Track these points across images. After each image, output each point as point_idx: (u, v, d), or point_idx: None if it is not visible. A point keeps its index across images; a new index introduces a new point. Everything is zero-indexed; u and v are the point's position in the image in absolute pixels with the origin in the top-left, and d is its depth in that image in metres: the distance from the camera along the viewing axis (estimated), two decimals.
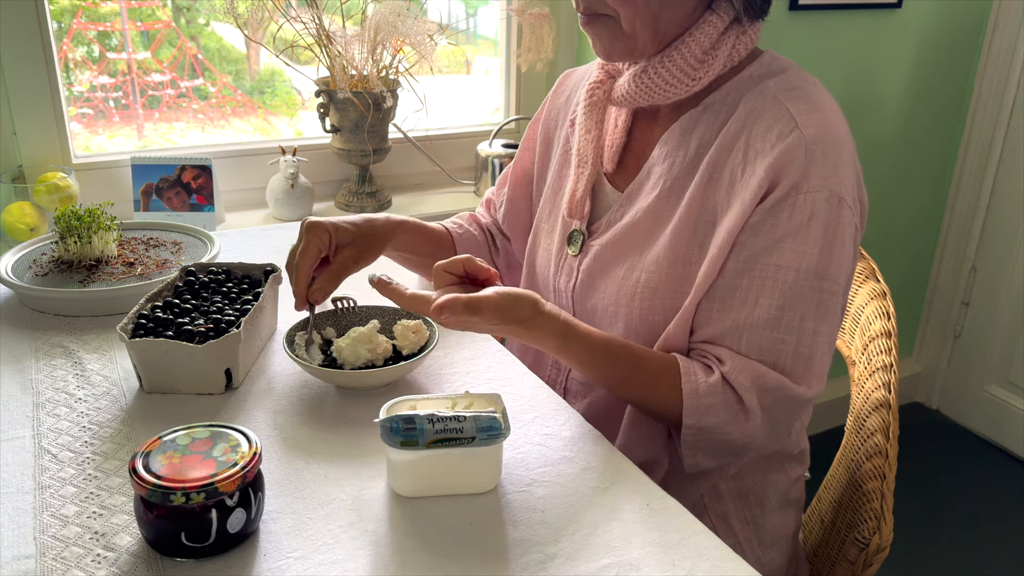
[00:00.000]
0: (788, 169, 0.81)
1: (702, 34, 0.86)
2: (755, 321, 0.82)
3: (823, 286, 0.82)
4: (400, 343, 0.90)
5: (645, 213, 0.91)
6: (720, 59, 0.87)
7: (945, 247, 2.51)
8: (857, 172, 0.86)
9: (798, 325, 0.82)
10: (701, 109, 0.90)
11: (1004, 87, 2.27)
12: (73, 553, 0.64)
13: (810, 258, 0.81)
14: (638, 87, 0.90)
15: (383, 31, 1.52)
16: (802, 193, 0.80)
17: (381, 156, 1.68)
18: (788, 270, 0.81)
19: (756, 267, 0.82)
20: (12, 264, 1.11)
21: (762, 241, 0.82)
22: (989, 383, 2.47)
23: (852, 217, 0.83)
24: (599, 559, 0.65)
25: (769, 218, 0.82)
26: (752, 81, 0.89)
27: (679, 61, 0.87)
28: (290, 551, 0.65)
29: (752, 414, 0.82)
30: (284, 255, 1.25)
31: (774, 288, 0.81)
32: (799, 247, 0.81)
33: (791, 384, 0.82)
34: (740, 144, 0.85)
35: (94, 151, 1.63)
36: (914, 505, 2.16)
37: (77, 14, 1.61)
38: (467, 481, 0.72)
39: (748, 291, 0.82)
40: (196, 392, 0.86)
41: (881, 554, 0.89)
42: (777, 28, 2.00)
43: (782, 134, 0.82)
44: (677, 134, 0.91)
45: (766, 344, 0.82)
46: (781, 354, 0.82)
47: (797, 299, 0.81)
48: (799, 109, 0.83)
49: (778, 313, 0.81)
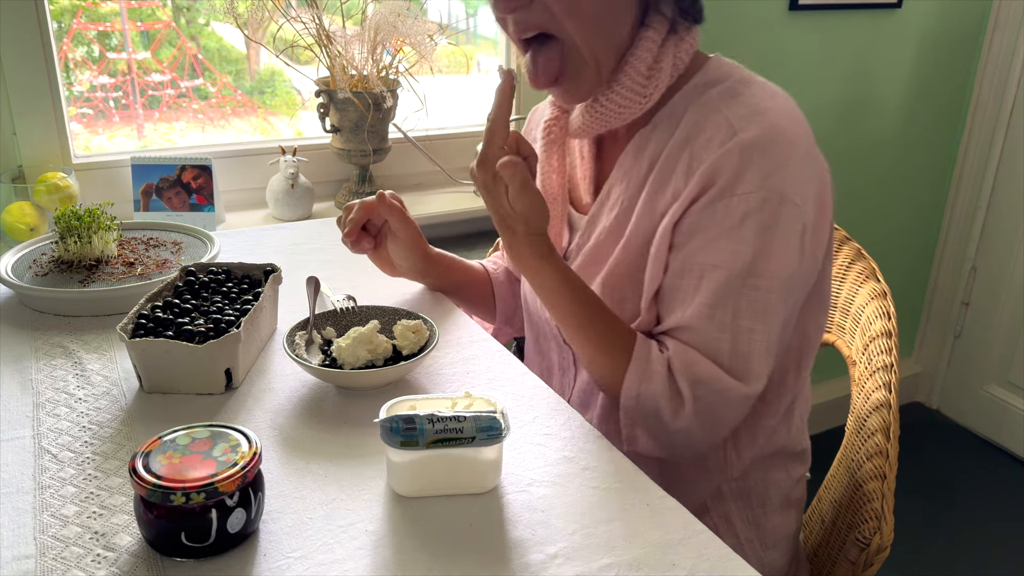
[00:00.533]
0: (721, 172, 0.82)
1: (643, 51, 0.87)
2: (690, 320, 0.84)
3: (758, 284, 0.82)
4: (400, 343, 0.90)
5: (608, 233, 0.93)
6: (665, 71, 0.88)
7: (945, 247, 2.51)
8: (813, 168, 0.85)
9: (731, 323, 0.82)
10: (651, 127, 0.91)
11: (1004, 87, 2.27)
12: (73, 553, 0.64)
13: (744, 257, 0.82)
14: (593, 117, 0.91)
15: (383, 31, 1.52)
16: (736, 195, 0.81)
17: (381, 156, 1.68)
18: (721, 269, 0.82)
19: (693, 267, 0.84)
20: (12, 264, 1.11)
21: (697, 242, 0.84)
22: (989, 383, 2.47)
23: (797, 215, 0.82)
24: (599, 559, 0.65)
25: (703, 219, 0.83)
26: (697, 91, 0.89)
27: (627, 83, 0.87)
28: (290, 551, 0.65)
29: (685, 402, 0.83)
30: (284, 255, 1.25)
31: (708, 287, 0.83)
32: (733, 247, 0.82)
33: (724, 377, 0.83)
34: (684, 156, 0.86)
35: (94, 151, 1.63)
36: (914, 505, 2.16)
37: (77, 14, 1.61)
38: (467, 481, 0.72)
39: (686, 291, 0.85)
40: (196, 392, 0.86)
41: (882, 554, 0.89)
42: (777, 28, 2.00)
43: (722, 142, 0.83)
44: (632, 154, 0.92)
45: (702, 342, 0.84)
46: (719, 352, 0.83)
47: (728, 298, 0.82)
48: (738, 115, 0.84)
49: (711, 312, 0.83)
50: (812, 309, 0.92)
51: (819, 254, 0.88)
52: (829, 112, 2.16)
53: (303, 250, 1.28)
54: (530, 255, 0.87)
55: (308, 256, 1.25)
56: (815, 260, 0.87)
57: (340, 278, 1.15)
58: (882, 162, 2.31)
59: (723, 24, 1.89)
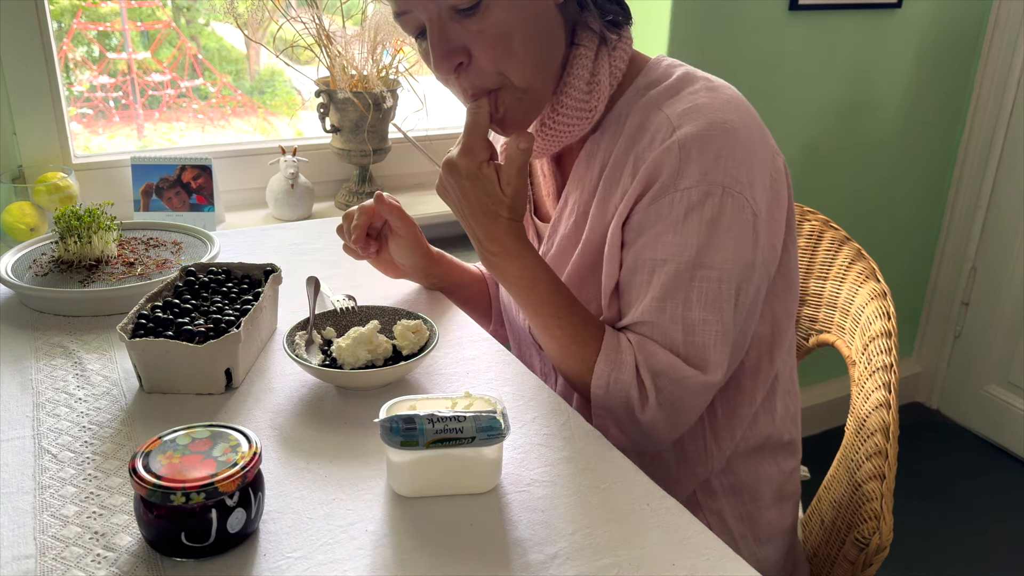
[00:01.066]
0: (661, 169, 0.83)
1: (579, 68, 0.88)
2: (644, 314, 0.85)
3: (707, 275, 0.83)
4: (400, 343, 0.90)
5: (566, 239, 0.95)
6: (604, 82, 0.89)
7: (945, 247, 2.51)
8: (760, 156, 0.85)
9: (683, 315, 0.84)
10: (600, 132, 0.92)
11: (1004, 87, 2.27)
12: (73, 553, 0.64)
13: (690, 250, 0.83)
14: (545, 140, 0.92)
15: (383, 31, 1.52)
16: (678, 190, 0.82)
17: (381, 156, 1.68)
18: (669, 263, 0.84)
19: (644, 263, 0.85)
20: (12, 264, 1.11)
21: (645, 238, 0.85)
22: (989, 383, 2.47)
23: (743, 205, 0.83)
24: (599, 559, 0.65)
25: (650, 216, 0.84)
26: (639, 93, 0.90)
27: (569, 102, 0.89)
28: (290, 551, 0.65)
29: (648, 392, 0.84)
30: (284, 255, 1.25)
31: (658, 281, 0.84)
32: (678, 240, 0.83)
33: (682, 365, 0.84)
34: (630, 159, 0.87)
35: (94, 151, 1.63)
36: (914, 505, 2.16)
37: (77, 14, 1.61)
38: (467, 481, 0.72)
39: (640, 286, 0.86)
40: (196, 392, 0.86)
41: (881, 554, 0.89)
42: (777, 28, 2.00)
43: (663, 140, 0.84)
44: (584, 161, 0.94)
45: (658, 334, 0.85)
46: (675, 343, 0.85)
47: (678, 290, 0.84)
48: (677, 113, 0.84)
49: (661, 304, 0.84)
50: (779, 295, 0.93)
51: (776, 242, 0.89)
52: (829, 112, 2.16)
53: (303, 250, 1.28)
54: (513, 241, 0.88)
55: (308, 256, 1.25)
56: (772, 247, 0.88)
57: (340, 278, 1.15)
58: (882, 162, 2.31)
59: (723, 24, 1.89)
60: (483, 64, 0.84)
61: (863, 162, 2.29)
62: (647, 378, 0.84)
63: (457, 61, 0.84)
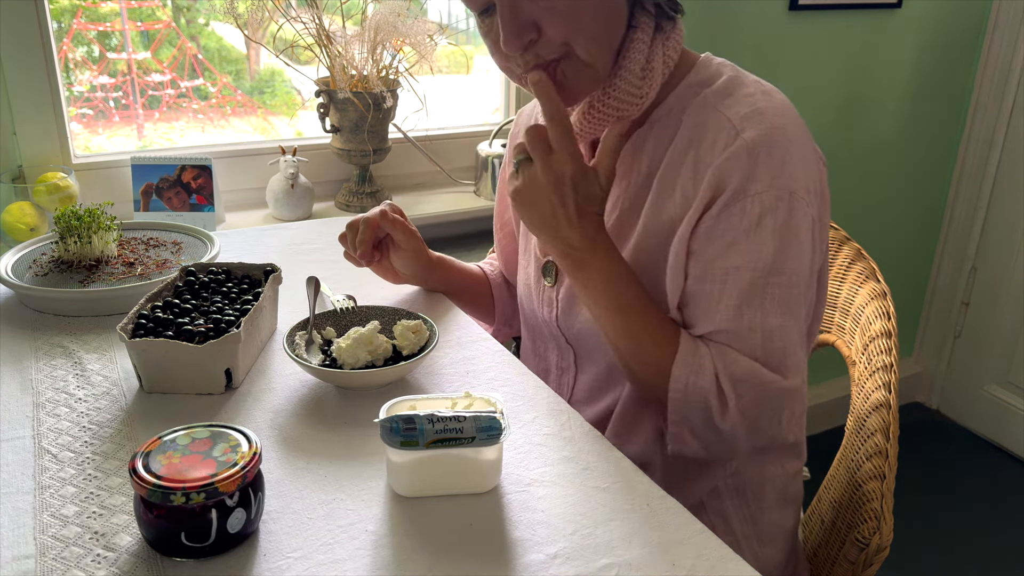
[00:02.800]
0: (732, 175, 0.82)
1: (635, 52, 0.87)
2: (721, 323, 0.83)
3: (781, 280, 0.83)
4: (400, 343, 0.90)
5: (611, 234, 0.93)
6: (658, 70, 0.88)
7: (945, 247, 2.51)
8: (812, 161, 0.86)
9: (761, 321, 0.83)
10: (648, 127, 0.91)
11: (1004, 87, 2.27)
12: (73, 553, 0.64)
13: (765, 256, 0.82)
14: (590, 121, 0.91)
15: (383, 31, 1.52)
16: (749, 196, 0.82)
17: (381, 156, 1.68)
18: (744, 270, 0.82)
19: (715, 271, 0.84)
20: (12, 264, 1.11)
21: (716, 246, 0.84)
22: (989, 383, 2.47)
23: (807, 209, 0.84)
24: (599, 559, 0.65)
25: (720, 223, 0.83)
26: (691, 91, 0.89)
27: (623, 86, 0.88)
28: (290, 551, 0.65)
29: (728, 400, 0.82)
30: (284, 255, 1.25)
31: (733, 289, 0.83)
32: (753, 247, 0.82)
33: (763, 371, 0.82)
34: (689, 159, 0.86)
35: (94, 151, 1.63)
36: (914, 505, 2.16)
37: (77, 14, 1.61)
38: (467, 481, 0.72)
39: (711, 295, 0.84)
40: (196, 392, 0.86)
41: (881, 554, 0.89)
42: (777, 28, 2.00)
43: (726, 144, 0.83)
44: (629, 154, 0.92)
45: (737, 342, 0.83)
46: (754, 349, 0.83)
47: (755, 297, 0.83)
48: (738, 116, 0.84)
49: (739, 312, 0.83)
50: (819, 299, 0.94)
51: (824, 246, 0.90)
52: (829, 112, 2.16)
53: (303, 250, 1.28)
54: (604, 236, 0.86)
55: (308, 256, 1.25)
56: (823, 252, 0.89)
57: (340, 278, 1.15)
58: (882, 162, 2.31)
59: (723, 24, 1.89)
60: (551, 39, 0.83)
61: (863, 162, 2.29)
62: (727, 385, 0.82)
63: (528, 38, 0.83)
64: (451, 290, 1.15)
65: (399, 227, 1.04)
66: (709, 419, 0.83)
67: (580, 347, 1.00)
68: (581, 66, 0.85)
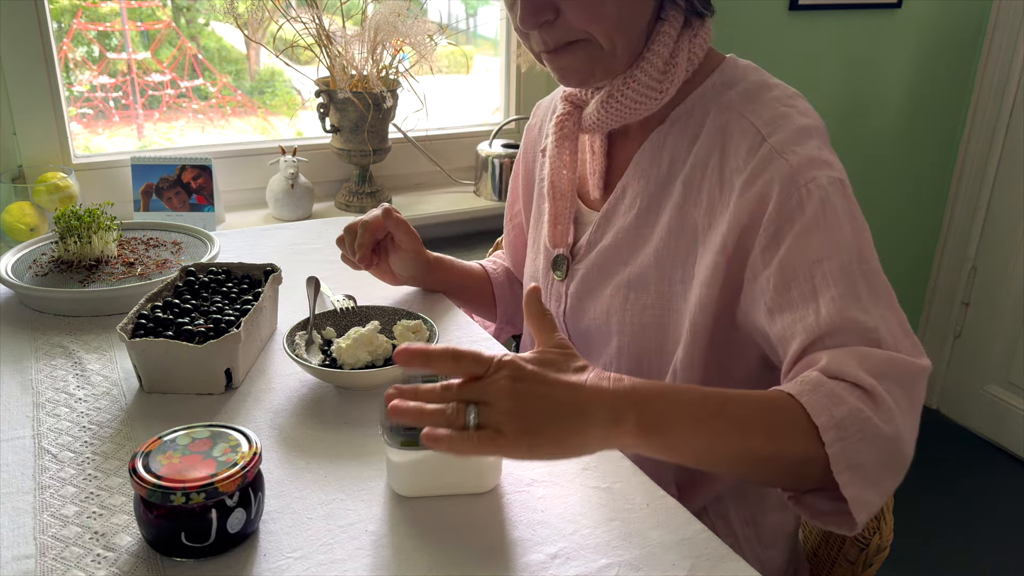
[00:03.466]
0: (773, 176, 0.79)
1: (659, 45, 0.86)
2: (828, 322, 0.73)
3: (868, 260, 0.76)
4: (400, 343, 0.90)
5: (626, 232, 0.92)
6: (681, 66, 0.87)
7: (945, 247, 2.51)
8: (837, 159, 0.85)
9: (870, 305, 0.74)
10: (669, 124, 0.90)
11: (1004, 87, 2.27)
12: (73, 553, 0.64)
13: (846, 240, 0.76)
14: (608, 112, 0.90)
15: (383, 31, 1.52)
16: (801, 185, 0.78)
17: (381, 156, 1.68)
18: (830, 260, 0.75)
19: (796, 273, 0.76)
20: (12, 264, 1.11)
21: (788, 247, 0.77)
22: (989, 383, 2.47)
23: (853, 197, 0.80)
24: (599, 559, 0.65)
25: (785, 224, 0.78)
26: (715, 92, 0.88)
27: (643, 78, 0.87)
28: (290, 551, 0.65)
29: (875, 394, 0.68)
30: (284, 255, 1.25)
31: (826, 282, 0.74)
32: (828, 235, 0.76)
33: (898, 356, 0.71)
34: (714, 163, 0.85)
35: (94, 151, 1.63)
36: (914, 505, 2.16)
37: (77, 14, 1.61)
38: (467, 481, 0.72)
39: (801, 299, 0.76)
40: (196, 392, 0.86)
41: (881, 554, 0.89)
42: (777, 28, 2.00)
43: (752, 148, 0.82)
44: (648, 152, 0.91)
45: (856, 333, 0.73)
46: (876, 336, 0.72)
47: (853, 283, 0.74)
48: (762, 120, 0.83)
49: (844, 302, 0.73)
50: None
51: None
52: (829, 112, 2.16)
53: (303, 250, 1.28)
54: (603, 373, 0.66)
55: (308, 256, 1.25)
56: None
57: (340, 278, 1.15)
58: (882, 162, 2.31)
59: (723, 24, 1.89)
60: (570, 21, 0.83)
61: (863, 162, 2.29)
62: (870, 385, 0.68)
63: (544, 18, 0.83)
64: (450, 290, 1.15)
65: (403, 227, 1.04)
66: (875, 435, 0.67)
67: (582, 344, 1.00)
68: (600, 53, 0.85)
